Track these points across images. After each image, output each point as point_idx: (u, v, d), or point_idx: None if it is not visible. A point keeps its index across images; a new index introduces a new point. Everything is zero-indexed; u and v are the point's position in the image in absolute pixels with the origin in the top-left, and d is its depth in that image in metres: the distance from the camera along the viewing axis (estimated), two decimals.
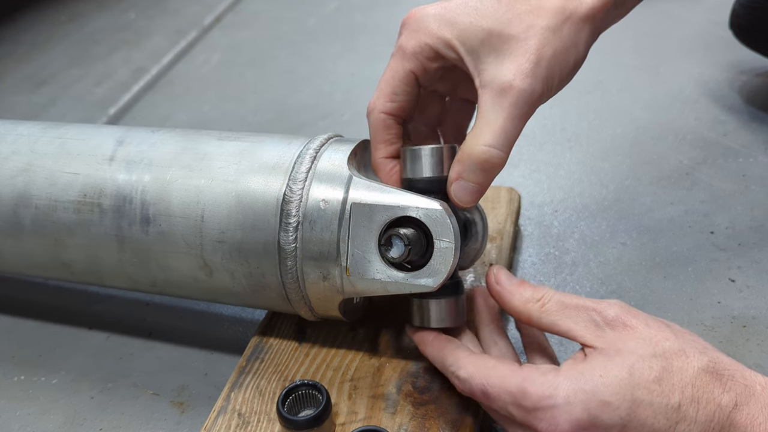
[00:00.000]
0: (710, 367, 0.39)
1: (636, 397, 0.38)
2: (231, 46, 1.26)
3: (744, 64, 0.97)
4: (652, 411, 0.38)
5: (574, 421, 0.38)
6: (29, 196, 0.56)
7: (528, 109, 0.45)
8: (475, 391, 0.44)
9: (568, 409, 0.39)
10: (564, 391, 0.39)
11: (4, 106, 1.14)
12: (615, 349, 0.41)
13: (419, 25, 0.47)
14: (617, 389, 0.39)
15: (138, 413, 0.58)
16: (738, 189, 0.76)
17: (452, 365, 0.46)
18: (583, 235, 0.72)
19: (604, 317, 0.43)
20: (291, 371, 0.53)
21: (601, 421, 0.38)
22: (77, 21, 1.44)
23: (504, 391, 0.42)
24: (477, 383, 0.43)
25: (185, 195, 0.52)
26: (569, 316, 0.44)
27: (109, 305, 0.71)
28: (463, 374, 0.44)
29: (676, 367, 0.39)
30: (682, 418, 0.38)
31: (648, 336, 0.41)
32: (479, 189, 0.46)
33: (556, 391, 0.39)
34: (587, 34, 0.46)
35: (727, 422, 0.38)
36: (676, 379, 0.39)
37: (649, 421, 0.38)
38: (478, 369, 0.44)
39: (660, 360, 0.39)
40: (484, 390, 0.43)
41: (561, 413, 0.39)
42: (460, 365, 0.45)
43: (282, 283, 0.51)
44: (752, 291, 0.63)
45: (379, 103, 0.49)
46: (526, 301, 0.46)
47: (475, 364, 0.44)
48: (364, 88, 1.05)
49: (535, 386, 0.40)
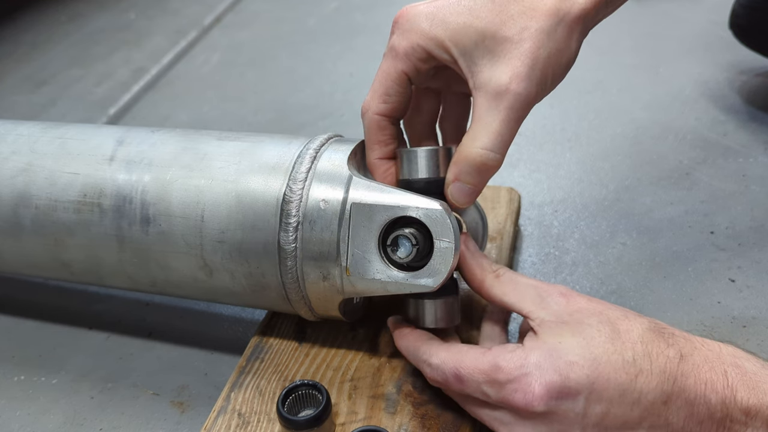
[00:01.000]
0: (652, 327, 0.42)
1: (595, 356, 0.40)
2: (231, 46, 1.26)
3: (744, 64, 0.98)
4: (611, 367, 0.40)
5: (546, 383, 0.40)
6: (29, 196, 0.56)
7: (523, 112, 0.45)
8: (448, 375, 0.44)
9: (539, 373, 0.41)
10: (533, 359, 0.41)
11: (4, 106, 1.14)
12: (562, 320, 0.43)
13: (411, 24, 0.47)
14: (577, 350, 0.41)
15: (138, 413, 0.58)
16: (738, 189, 0.76)
17: (424, 353, 0.47)
18: (583, 235, 0.72)
19: (549, 293, 0.45)
20: (291, 371, 0.53)
21: (571, 380, 0.40)
22: (77, 21, 1.44)
23: (477, 371, 0.43)
24: (450, 367, 0.44)
25: (185, 195, 0.52)
26: (519, 290, 0.46)
27: (109, 305, 0.71)
28: (435, 361, 0.45)
29: (622, 329, 0.42)
30: (639, 371, 0.40)
31: (590, 308, 0.44)
32: (475, 190, 0.47)
33: (526, 360, 0.41)
34: (579, 33, 0.46)
35: (677, 372, 0.40)
36: (625, 337, 0.41)
37: (612, 376, 0.40)
38: (450, 354, 0.45)
39: (606, 325, 0.42)
40: (456, 373, 0.44)
41: (534, 379, 0.41)
42: (432, 353, 0.46)
43: (282, 283, 0.51)
44: (752, 291, 0.64)
45: (373, 105, 0.49)
46: (484, 269, 0.48)
47: (448, 350, 0.46)
48: (364, 88, 1.04)
49: (506, 360, 0.42)
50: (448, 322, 0.50)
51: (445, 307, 0.50)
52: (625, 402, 0.40)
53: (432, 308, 0.49)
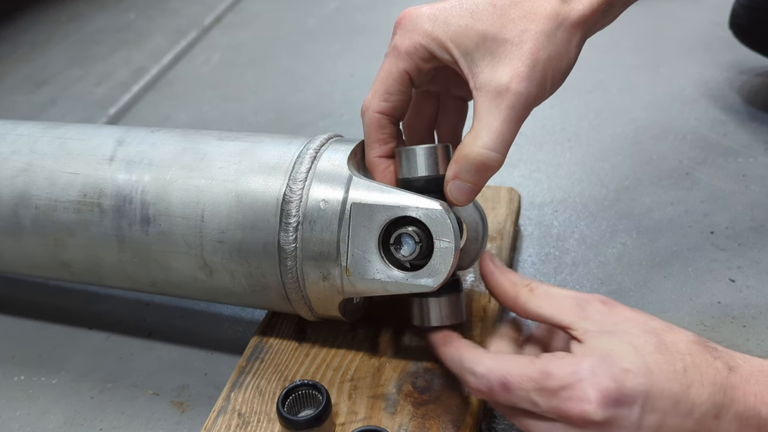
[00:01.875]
0: (697, 340, 0.41)
1: (648, 365, 0.39)
2: (231, 46, 1.26)
3: (744, 64, 0.98)
4: (665, 377, 0.39)
5: (603, 389, 0.38)
6: (29, 196, 0.56)
7: (524, 112, 0.45)
8: (494, 383, 0.42)
9: (595, 380, 0.38)
10: (587, 365, 0.39)
11: (4, 106, 1.14)
12: (606, 330, 0.41)
13: (414, 25, 0.47)
14: (630, 357, 0.39)
15: (138, 413, 0.58)
16: (738, 189, 0.76)
17: (468, 361, 0.44)
18: (583, 235, 0.72)
19: (587, 301, 0.44)
20: (291, 371, 0.53)
21: (627, 388, 0.38)
22: (77, 21, 1.44)
23: (526, 378, 0.41)
24: (496, 375, 0.42)
25: (185, 195, 0.52)
26: (556, 302, 0.44)
27: (109, 305, 0.71)
28: (481, 369, 0.43)
29: (669, 341, 0.41)
30: (691, 382, 0.39)
31: (633, 317, 0.42)
32: (475, 189, 0.47)
33: (579, 366, 0.39)
34: (578, 39, 0.47)
35: (726, 383, 0.39)
36: (673, 349, 0.40)
37: (666, 386, 0.39)
38: (496, 362, 0.43)
39: (652, 335, 0.41)
40: (503, 380, 0.41)
41: (589, 385, 0.38)
42: (478, 361, 0.44)
43: (282, 283, 0.51)
44: (752, 291, 0.63)
45: (374, 103, 0.49)
46: (515, 284, 0.46)
47: (494, 359, 0.44)
48: (364, 88, 1.04)
49: (558, 367, 0.40)
50: (454, 319, 0.50)
51: (449, 304, 0.50)
52: (678, 413, 0.39)
53: (437, 306, 0.49)
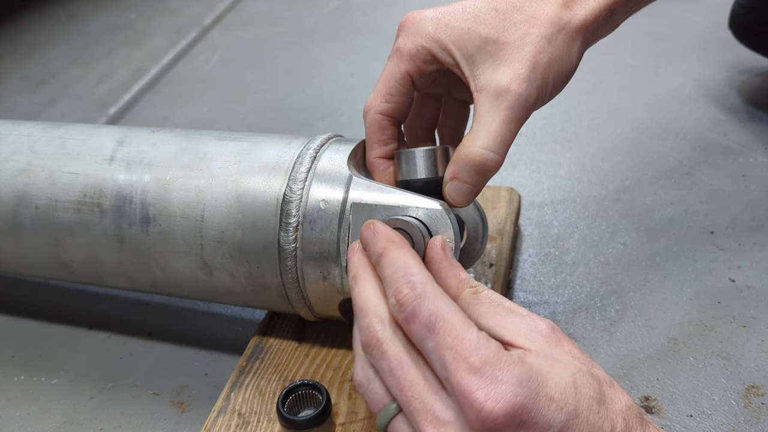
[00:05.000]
0: (634, 407, 0.37)
1: (578, 406, 0.35)
2: (231, 46, 1.26)
3: (744, 64, 0.98)
4: (587, 427, 0.35)
5: (517, 404, 0.34)
6: (29, 196, 0.56)
7: (523, 114, 0.45)
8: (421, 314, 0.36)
9: (516, 390, 0.34)
10: (518, 371, 0.34)
11: (4, 106, 1.14)
12: (551, 357, 0.37)
13: (417, 27, 0.48)
14: (564, 390, 0.35)
15: (138, 413, 0.58)
16: (738, 189, 0.76)
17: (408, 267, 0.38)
18: (583, 235, 0.72)
19: (537, 325, 0.39)
20: (291, 371, 0.53)
21: (540, 416, 0.34)
22: (77, 21, 1.44)
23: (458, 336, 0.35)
24: (430, 308, 0.36)
25: (185, 195, 0.52)
26: (499, 313, 0.39)
27: (109, 305, 0.71)
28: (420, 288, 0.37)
29: (608, 396, 0.37)
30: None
31: (580, 356, 0.38)
32: (473, 190, 0.47)
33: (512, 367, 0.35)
34: (580, 44, 0.47)
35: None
36: (609, 406, 0.36)
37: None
38: (438, 295, 0.37)
39: (596, 382, 0.37)
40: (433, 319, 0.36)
41: (508, 390, 0.34)
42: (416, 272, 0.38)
43: (282, 283, 0.51)
44: (752, 291, 0.63)
45: (375, 104, 0.49)
46: (461, 281, 0.41)
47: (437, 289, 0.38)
48: (364, 88, 1.06)
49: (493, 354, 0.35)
50: None
51: None
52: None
53: None
